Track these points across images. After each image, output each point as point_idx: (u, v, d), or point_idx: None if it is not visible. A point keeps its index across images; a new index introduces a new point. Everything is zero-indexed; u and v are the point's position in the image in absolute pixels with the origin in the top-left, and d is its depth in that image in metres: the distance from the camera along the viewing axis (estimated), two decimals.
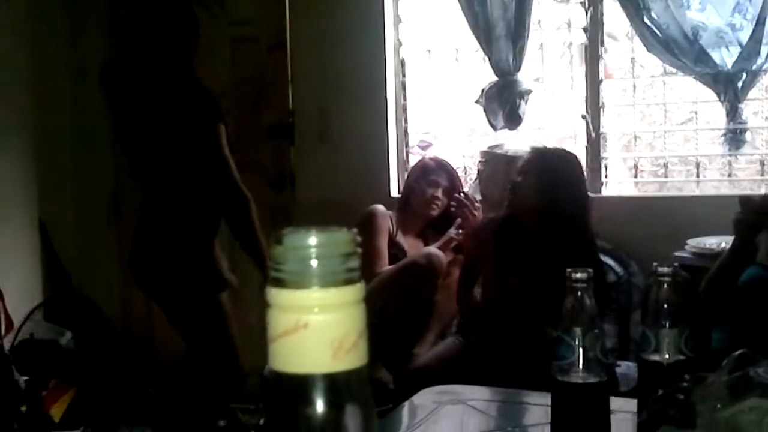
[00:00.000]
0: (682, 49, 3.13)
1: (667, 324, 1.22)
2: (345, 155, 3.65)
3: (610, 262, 3.16)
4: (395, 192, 3.63)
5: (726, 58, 3.10)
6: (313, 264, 0.45)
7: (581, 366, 1.14)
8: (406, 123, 3.76)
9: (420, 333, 2.98)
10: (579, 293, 1.14)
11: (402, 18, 3.69)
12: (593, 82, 3.40)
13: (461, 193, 3.24)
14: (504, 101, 3.38)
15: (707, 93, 3.21)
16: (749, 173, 3.43)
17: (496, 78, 3.40)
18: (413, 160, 3.65)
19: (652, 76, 3.56)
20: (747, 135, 3.18)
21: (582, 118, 3.44)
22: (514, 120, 3.40)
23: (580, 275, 1.14)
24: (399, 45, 3.71)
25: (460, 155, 3.77)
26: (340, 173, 3.65)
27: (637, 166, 3.53)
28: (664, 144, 3.60)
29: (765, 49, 3.04)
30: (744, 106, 3.15)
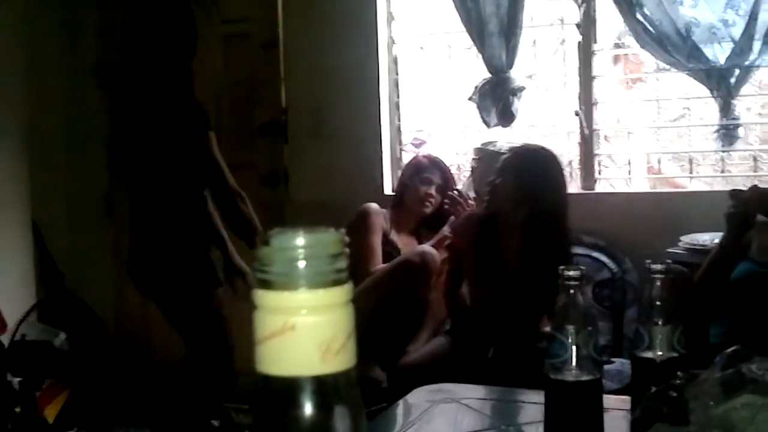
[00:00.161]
0: (675, 45, 3.13)
1: (660, 321, 1.22)
2: (338, 153, 3.65)
3: (604, 258, 3.17)
4: (389, 190, 3.63)
5: (719, 54, 3.10)
6: (301, 265, 0.44)
7: (574, 364, 1.14)
8: (399, 120, 3.76)
9: (414, 331, 2.97)
10: (571, 291, 1.13)
11: (395, 15, 3.69)
12: (586, 78, 3.40)
13: (455, 191, 3.24)
14: (497, 98, 3.38)
15: (700, 89, 3.21)
16: (742, 169, 3.43)
17: (489, 75, 3.40)
18: (407, 157, 3.65)
19: (645, 72, 3.56)
20: (740, 131, 3.18)
21: (575, 114, 3.44)
22: (507, 117, 3.39)
23: (572, 273, 1.13)
24: (392, 42, 3.70)
25: (453, 152, 3.77)
26: (333, 171, 3.64)
27: (631, 162, 3.53)
28: (657, 140, 3.60)
29: (757, 45, 3.04)
30: (737, 102, 3.15)
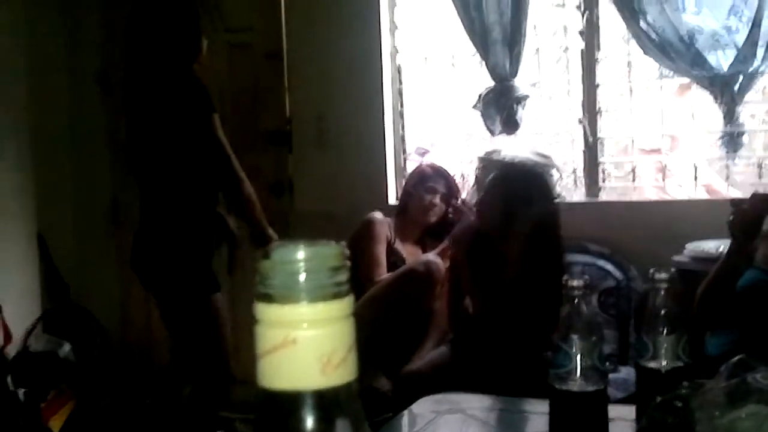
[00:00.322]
0: (678, 53, 3.13)
1: (665, 330, 1.21)
2: (342, 162, 3.65)
3: (609, 267, 3.16)
4: (393, 199, 3.63)
5: (722, 60, 3.10)
6: (301, 278, 0.44)
7: (579, 374, 1.13)
8: (403, 129, 3.76)
9: (419, 341, 2.97)
10: (575, 301, 1.13)
11: (398, 24, 3.70)
12: (590, 86, 3.40)
13: (459, 200, 3.24)
14: (501, 107, 3.38)
15: (704, 96, 3.21)
16: (747, 176, 3.42)
17: (493, 83, 3.40)
18: (411, 166, 3.65)
19: (648, 79, 3.56)
20: (744, 138, 3.17)
21: (579, 122, 3.44)
22: (511, 125, 3.39)
23: (576, 283, 1.13)
24: (395, 52, 3.71)
25: (457, 161, 3.76)
26: (337, 180, 3.65)
27: (635, 170, 3.52)
28: (661, 148, 3.59)
29: (761, 52, 3.04)
30: (741, 108, 3.14)
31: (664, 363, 1.21)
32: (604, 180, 3.47)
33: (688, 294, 2.07)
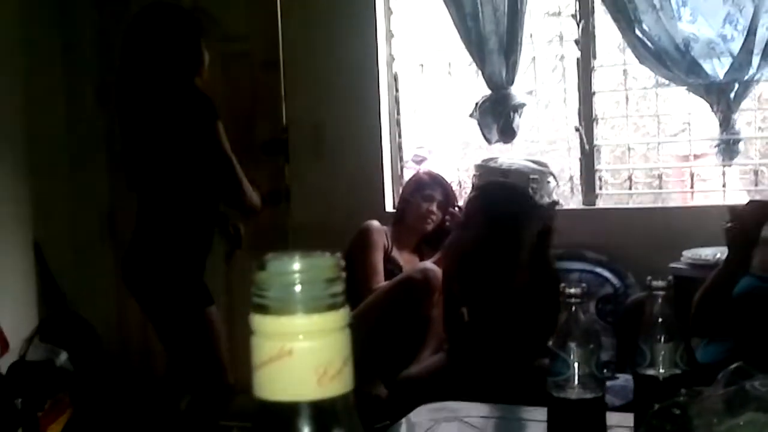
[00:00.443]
0: (674, 61, 3.14)
1: (662, 338, 1.21)
2: (339, 170, 3.65)
3: (606, 274, 3.17)
4: (390, 207, 3.63)
5: (718, 68, 3.11)
6: (297, 290, 0.44)
7: (576, 382, 1.13)
8: (400, 138, 3.76)
9: (416, 348, 2.96)
10: (573, 308, 1.13)
11: (394, 33, 3.70)
12: (586, 94, 3.41)
13: (456, 207, 3.24)
14: (498, 115, 3.38)
15: (700, 104, 3.22)
16: (743, 183, 3.43)
17: (489, 92, 3.41)
18: (408, 174, 3.65)
19: (644, 87, 3.57)
20: (740, 145, 3.18)
21: (575, 130, 3.45)
22: (508, 133, 3.40)
23: (573, 290, 1.13)
24: (392, 60, 3.71)
25: (454, 169, 3.77)
26: (334, 188, 3.65)
27: (632, 177, 3.53)
28: (657, 155, 3.60)
29: (756, 60, 3.04)
30: (737, 116, 3.15)
31: (661, 370, 1.21)
32: (600, 187, 3.47)
33: (685, 301, 2.07)
